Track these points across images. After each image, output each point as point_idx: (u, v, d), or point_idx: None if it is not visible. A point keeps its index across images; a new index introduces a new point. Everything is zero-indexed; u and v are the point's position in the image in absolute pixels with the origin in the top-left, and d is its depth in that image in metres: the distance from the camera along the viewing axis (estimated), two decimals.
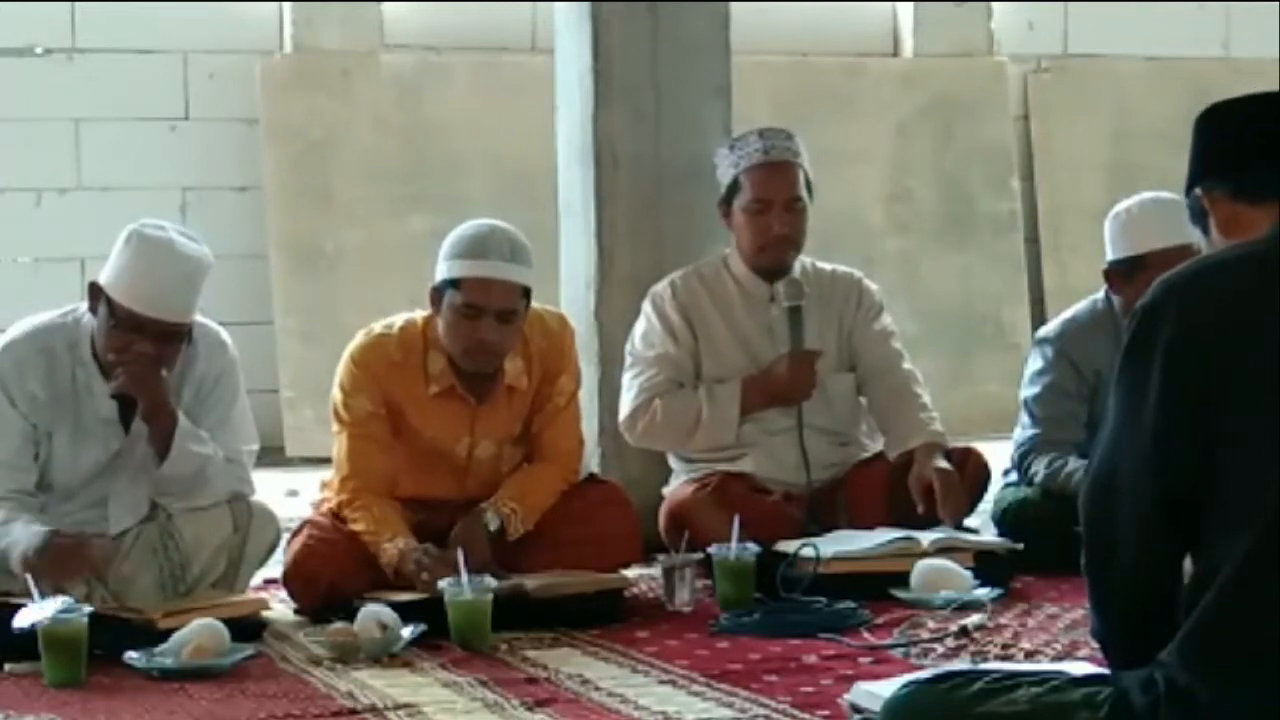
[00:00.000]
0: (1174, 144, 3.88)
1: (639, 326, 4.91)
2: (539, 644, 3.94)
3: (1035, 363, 4.89)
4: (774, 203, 4.80)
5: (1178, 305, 2.41)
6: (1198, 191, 2.58)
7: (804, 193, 4.84)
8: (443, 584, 3.93)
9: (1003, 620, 4.07)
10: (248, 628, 3.98)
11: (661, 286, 4.93)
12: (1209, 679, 2.35)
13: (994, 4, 8.99)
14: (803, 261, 4.93)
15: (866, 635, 3.96)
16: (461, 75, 8.23)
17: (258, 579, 4.41)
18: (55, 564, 3.86)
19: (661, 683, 3.56)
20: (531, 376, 4.44)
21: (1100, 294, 4.85)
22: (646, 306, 4.91)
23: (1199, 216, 2.59)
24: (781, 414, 4.80)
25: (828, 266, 5.00)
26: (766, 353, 4.84)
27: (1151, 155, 8.48)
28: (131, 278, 4.00)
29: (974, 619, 3.99)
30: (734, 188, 4.85)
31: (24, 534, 3.92)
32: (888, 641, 3.88)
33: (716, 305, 4.88)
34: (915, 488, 4.62)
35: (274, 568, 4.40)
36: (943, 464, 4.65)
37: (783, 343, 4.80)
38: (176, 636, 3.73)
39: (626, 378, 4.88)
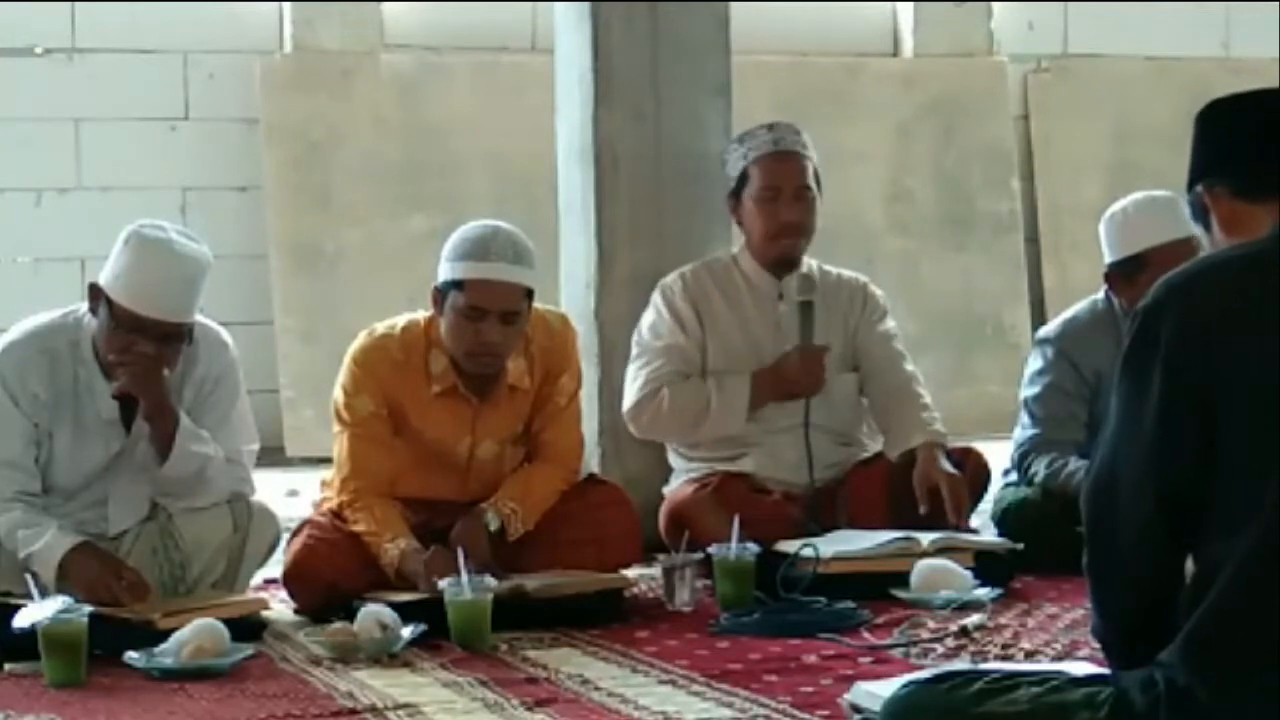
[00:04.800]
0: (1174, 144, 3.89)
1: (647, 317, 4.91)
2: (539, 644, 3.94)
3: (1035, 363, 4.89)
4: (783, 190, 4.82)
5: (1178, 306, 2.41)
6: (1199, 188, 2.58)
7: (812, 183, 4.85)
8: (443, 584, 3.92)
9: (1003, 620, 4.06)
10: (248, 628, 3.97)
11: (671, 278, 4.93)
12: (1209, 679, 2.35)
13: (994, 4, 9.00)
14: (810, 264, 4.94)
15: (866, 635, 3.95)
16: (461, 75, 8.23)
17: (258, 579, 4.42)
18: (87, 587, 3.90)
19: (661, 683, 3.55)
20: (533, 376, 4.44)
21: (1100, 294, 4.85)
22: (656, 297, 4.92)
23: (1200, 213, 2.59)
24: (785, 413, 4.80)
25: (834, 270, 5.01)
26: (773, 349, 4.84)
27: (1151, 155, 8.49)
28: (131, 278, 4.00)
29: (974, 619, 3.98)
30: (743, 179, 4.86)
31: (58, 541, 3.96)
32: (888, 641, 3.88)
33: (725, 299, 4.89)
34: (920, 488, 4.62)
35: (274, 568, 4.40)
36: (949, 467, 4.65)
37: (789, 339, 4.80)
38: (176, 636, 3.73)
39: (632, 368, 4.88)
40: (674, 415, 4.81)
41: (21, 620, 3.67)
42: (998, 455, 4.98)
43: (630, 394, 4.86)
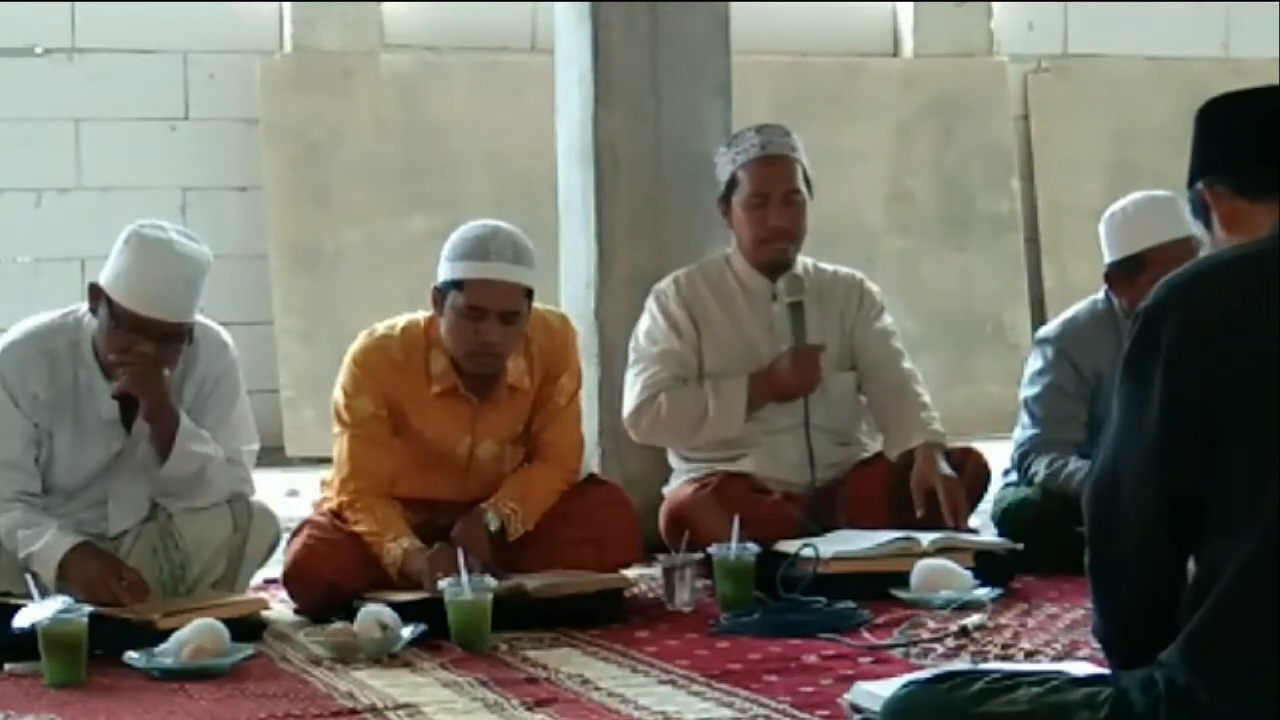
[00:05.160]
0: (1174, 144, 3.88)
1: (642, 323, 4.91)
2: (539, 644, 3.94)
3: (1035, 363, 4.89)
4: (771, 195, 4.81)
5: (1179, 306, 2.41)
6: (1199, 186, 2.58)
7: (802, 186, 4.85)
8: (443, 584, 3.93)
9: (1003, 620, 4.06)
10: (248, 628, 3.97)
11: (665, 283, 4.94)
12: (1209, 679, 2.35)
13: (994, 4, 8.99)
14: (804, 262, 4.94)
15: (866, 635, 3.95)
16: (461, 75, 8.23)
17: (258, 579, 4.42)
18: (87, 587, 3.90)
19: (661, 683, 3.55)
20: (533, 376, 4.44)
21: (1100, 294, 4.85)
22: (650, 303, 4.92)
23: (1201, 211, 2.59)
24: (785, 413, 4.80)
25: (829, 267, 5.01)
26: (768, 350, 4.84)
27: (1151, 155, 8.49)
28: (132, 278, 4.00)
29: (974, 619, 3.98)
30: (732, 184, 4.86)
31: (58, 541, 3.96)
32: (888, 641, 3.88)
33: (719, 302, 4.89)
34: (917, 491, 4.62)
35: (274, 568, 4.40)
36: (946, 469, 4.65)
37: (784, 340, 4.81)
38: (176, 636, 3.73)
39: (630, 374, 4.88)
40: (673, 421, 4.81)
41: (21, 620, 3.67)
42: (998, 455, 4.98)
43: (629, 401, 4.86)
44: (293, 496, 5.83)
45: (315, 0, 8.09)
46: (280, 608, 4.33)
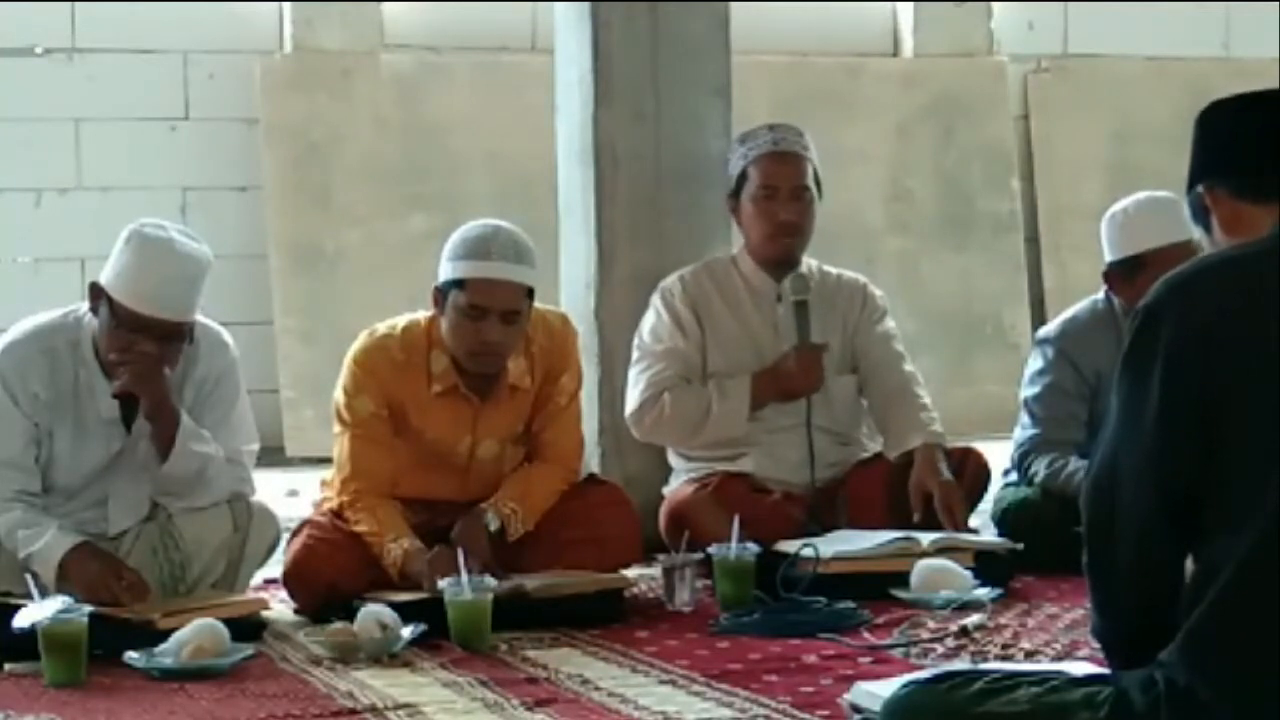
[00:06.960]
0: (1174, 144, 3.89)
1: (647, 320, 4.91)
2: (539, 644, 3.94)
3: (1035, 363, 4.89)
4: (781, 190, 4.82)
5: (1179, 305, 2.41)
6: (1199, 189, 2.58)
7: (812, 184, 4.86)
8: (443, 584, 3.93)
9: (1003, 620, 4.07)
10: (248, 628, 3.98)
11: (670, 281, 4.94)
12: (1209, 679, 2.35)
13: (994, 4, 9.00)
14: (809, 263, 4.94)
15: (866, 635, 3.95)
16: (461, 75, 8.23)
17: (258, 579, 4.42)
18: (87, 587, 3.90)
19: (661, 683, 3.55)
20: (534, 376, 4.44)
21: (1100, 294, 4.85)
22: (655, 300, 4.92)
23: (1200, 214, 2.59)
24: (786, 413, 4.81)
25: (834, 270, 5.01)
26: (772, 350, 4.84)
27: (1151, 155, 8.49)
28: (132, 278, 4.01)
29: (974, 619, 3.98)
30: (743, 178, 4.87)
31: (58, 541, 3.97)
32: (888, 641, 3.88)
33: (725, 301, 4.90)
34: (914, 496, 4.63)
35: (274, 568, 4.40)
36: (944, 474, 4.65)
37: (788, 340, 4.81)
38: (176, 636, 3.73)
39: (634, 371, 4.88)
40: (676, 420, 4.81)
41: (21, 620, 3.67)
42: (998, 455, 4.98)
43: (632, 398, 4.86)
44: (293, 496, 5.84)
45: (315, 0, 8.09)
46: (280, 608, 4.33)
